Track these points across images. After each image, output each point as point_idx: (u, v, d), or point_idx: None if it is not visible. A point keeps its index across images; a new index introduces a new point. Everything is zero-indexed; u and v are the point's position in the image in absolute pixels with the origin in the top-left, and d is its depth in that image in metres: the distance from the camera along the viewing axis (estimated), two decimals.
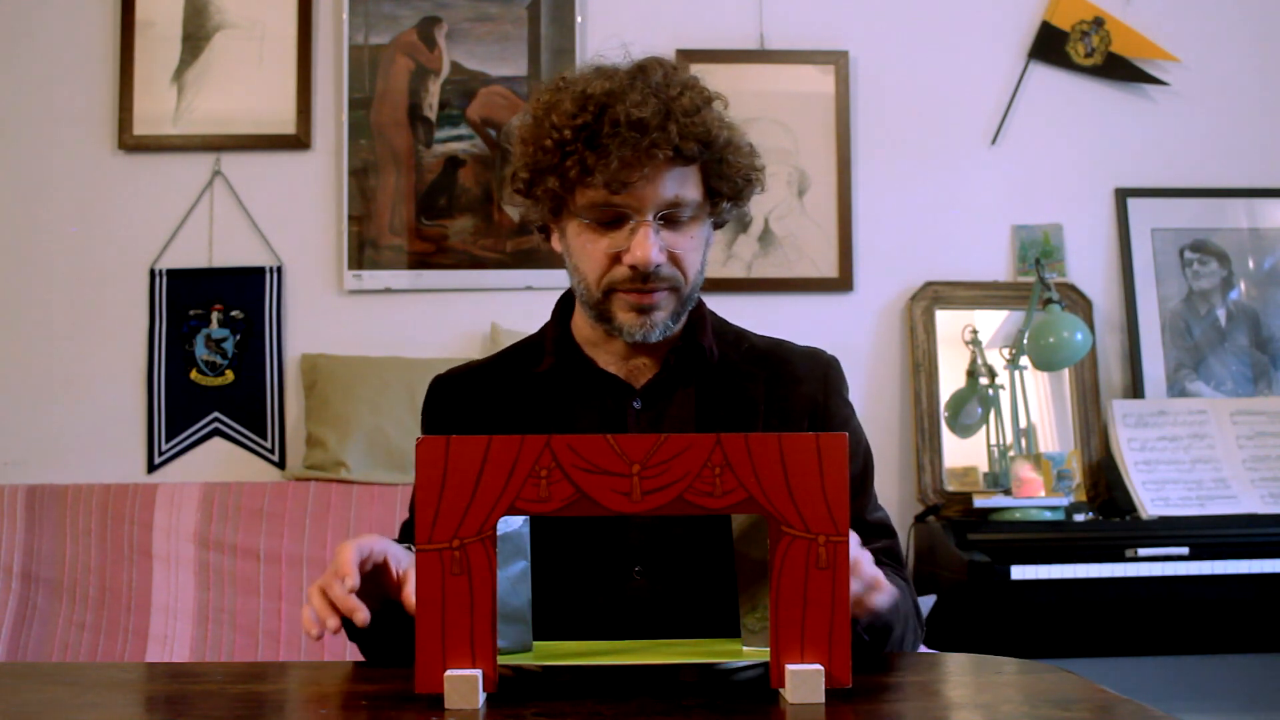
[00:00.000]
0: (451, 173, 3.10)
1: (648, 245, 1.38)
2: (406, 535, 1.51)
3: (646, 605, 1.39)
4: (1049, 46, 3.20)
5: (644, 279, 1.40)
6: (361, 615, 1.14)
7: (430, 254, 3.08)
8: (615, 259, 1.41)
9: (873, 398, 3.11)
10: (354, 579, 1.15)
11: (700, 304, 1.54)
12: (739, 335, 1.56)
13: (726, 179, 1.44)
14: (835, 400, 1.53)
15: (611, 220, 1.40)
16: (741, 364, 1.51)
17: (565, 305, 1.56)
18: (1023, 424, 2.98)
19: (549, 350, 1.51)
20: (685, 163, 1.39)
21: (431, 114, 3.11)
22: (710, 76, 1.52)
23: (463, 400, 1.53)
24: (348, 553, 1.18)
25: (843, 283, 3.12)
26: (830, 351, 1.59)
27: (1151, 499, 2.88)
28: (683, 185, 1.40)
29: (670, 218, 1.41)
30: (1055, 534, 2.73)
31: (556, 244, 1.50)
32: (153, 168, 3.09)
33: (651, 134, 1.35)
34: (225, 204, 3.08)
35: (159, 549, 2.75)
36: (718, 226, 1.54)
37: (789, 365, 1.52)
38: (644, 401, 1.47)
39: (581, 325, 1.52)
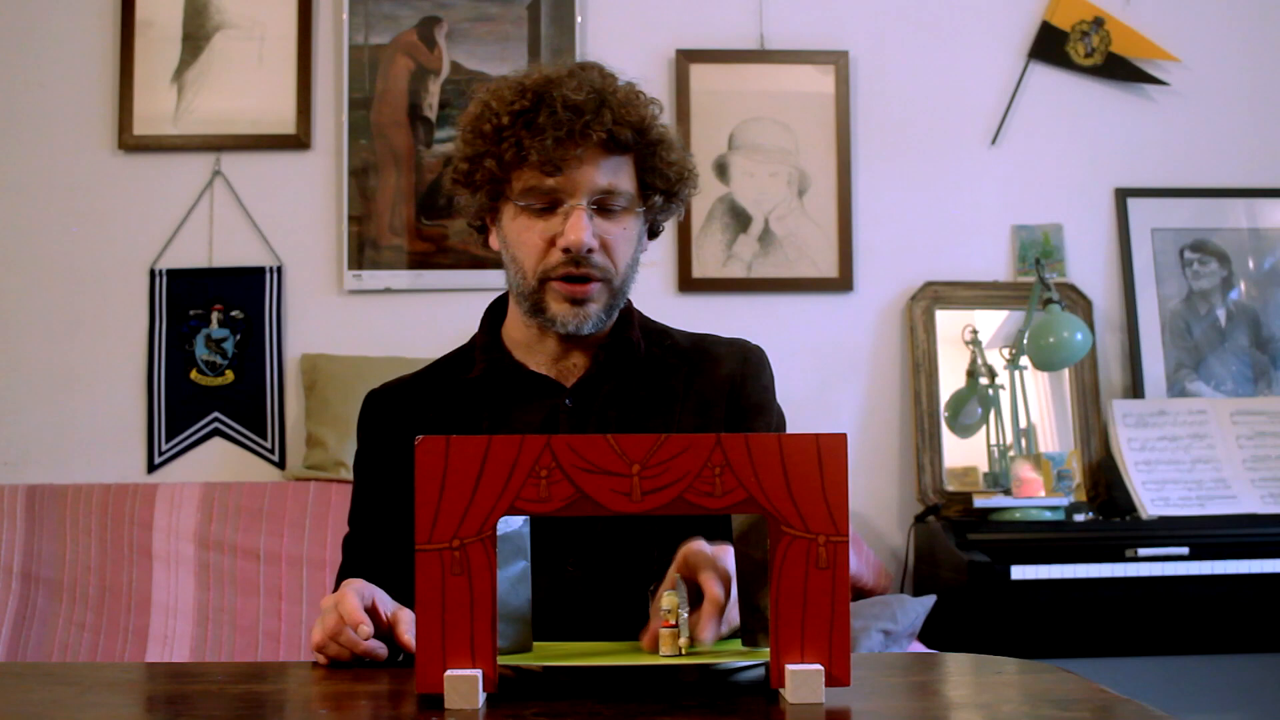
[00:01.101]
0: None
1: (581, 228, 1.42)
2: (351, 550, 1.57)
3: (579, 597, 1.42)
4: (1049, 46, 3.20)
5: (576, 264, 1.43)
6: (383, 652, 1.22)
7: (430, 254, 3.08)
8: (550, 244, 1.45)
9: (873, 398, 3.11)
10: (369, 626, 1.20)
11: (628, 302, 1.57)
12: (663, 332, 1.59)
13: (659, 173, 1.48)
14: (753, 383, 1.56)
15: (546, 206, 1.44)
16: (665, 358, 1.55)
17: (494, 313, 1.59)
18: (1023, 424, 2.98)
19: (479, 357, 1.54)
20: (620, 151, 1.44)
21: (431, 114, 3.11)
22: (710, 76, 1.54)
23: (397, 412, 1.56)
24: (352, 600, 1.22)
25: (843, 283, 3.12)
26: (829, 351, 1.60)
27: (1151, 499, 2.88)
28: (616, 175, 1.45)
29: (603, 205, 1.45)
30: (1055, 534, 2.73)
31: (494, 242, 1.54)
32: (153, 168, 3.09)
33: (586, 116, 1.40)
34: (225, 204, 3.08)
35: (159, 549, 2.75)
36: (653, 236, 1.57)
37: (710, 354, 1.56)
38: (574, 400, 1.50)
39: (513, 328, 1.55)
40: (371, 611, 1.25)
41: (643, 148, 1.46)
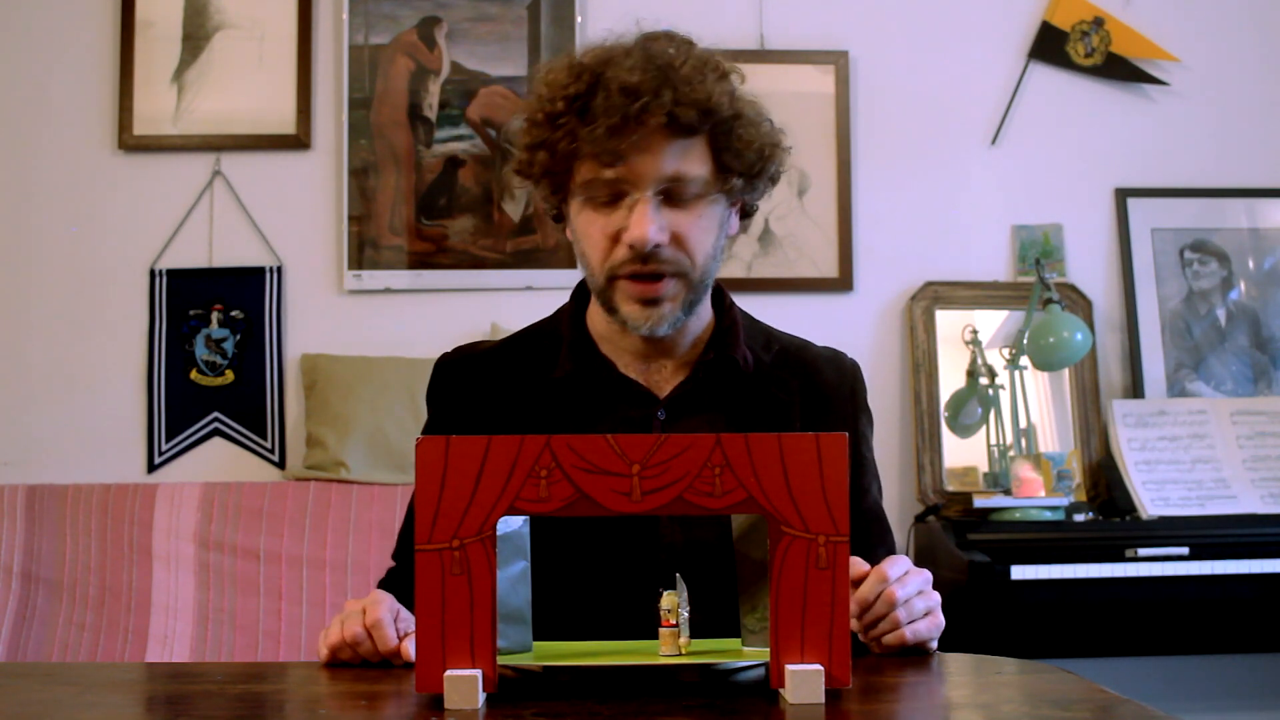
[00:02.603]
0: (451, 173, 3.10)
1: (644, 222, 1.29)
2: (405, 540, 1.48)
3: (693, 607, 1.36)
4: (1049, 46, 3.20)
5: (643, 260, 1.32)
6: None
7: (430, 254, 3.08)
8: (615, 240, 1.33)
9: (873, 398, 3.08)
10: (393, 643, 1.17)
11: (732, 307, 1.47)
12: (767, 336, 1.50)
13: (736, 153, 1.34)
14: (864, 418, 1.53)
15: (610, 198, 1.32)
16: (773, 370, 1.45)
17: (580, 297, 1.47)
18: (1023, 424, 2.98)
19: (565, 354, 1.42)
20: (686, 134, 1.31)
21: (431, 114, 3.11)
22: None
23: (472, 389, 1.44)
24: (388, 628, 1.18)
25: (843, 283, 3.12)
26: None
27: (1151, 499, 2.88)
28: (685, 160, 1.31)
29: (672, 194, 1.32)
30: (1055, 534, 2.73)
31: (569, 233, 1.42)
32: (153, 168, 3.08)
33: (643, 98, 1.27)
34: (225, 204, 3.08)
35: (159, 549, 2.75)
36: (746, 215, 1.45)
37: (819, 373, 1.48)
38: (669, 413, 1.40)
39: (597, 320, 1.44)
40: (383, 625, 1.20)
41: (714, 127, 1.32)
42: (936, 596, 1.27)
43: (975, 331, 3.05)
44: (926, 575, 1.27)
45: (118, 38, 3.08)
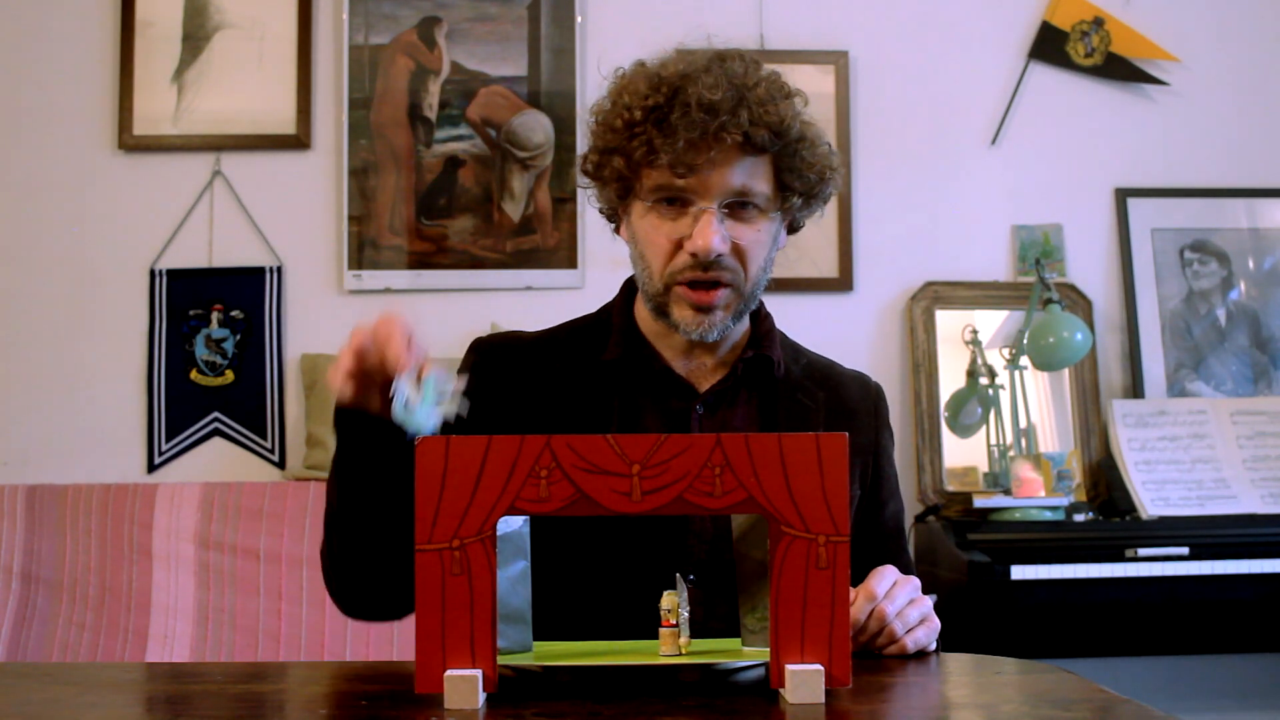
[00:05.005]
0: (451, 173, 3.10)
1: (709, 232, 1.35)
2: None
3: (697, 612, 1.35)
4: (1049, 46, 3.20)
5: (704, 268, 1.37)
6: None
7: (430, 254, 3.08)
8: (677, 246, 1.38)
9: None
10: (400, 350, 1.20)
11: (768, 315, 1.52)
12: (795, 350, 1.55)
13: (799, 174, 1.40)
14: (885, 435, 1.54)
15: (676, 204, 1.38)
16: (802, 379, 1.50)
17: (631, 288, 1.51)
18: (1023, 424, 2.98)
19: (616, 340, 1.47)
20: (756, 152, 1.36)
21: (431, 114, 3.11)
22: None
23: (513, 372, 1.46)
24: (400, 330, 1.21)
25: (843, 283, 3.12)
26: (829, 351, 1.59)
27: (1151, 499, 2.88)
28: (752, 176, 1.37)
29: (735, 208, 1.38)
30: (1055, 534, 2.73)
31: (624, 233, 1.48)
32: (153, 168, 3.09)
33: (721, 117, 1.33)
34: (225, 204, 3.08)
35: (159, 549, 2.75)
36: (793, 230, 1.51)
37: (844, 390, 1.52)
38: (707, 407, 1.45)
39: (644, 315, 1.49)
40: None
41: (781, 148, 1.38)
42: (928, 602, 1.28)
43: (975, 331, 3.05)
44: (915, 582, 1.29)
45: (118, 38, 3.08)
